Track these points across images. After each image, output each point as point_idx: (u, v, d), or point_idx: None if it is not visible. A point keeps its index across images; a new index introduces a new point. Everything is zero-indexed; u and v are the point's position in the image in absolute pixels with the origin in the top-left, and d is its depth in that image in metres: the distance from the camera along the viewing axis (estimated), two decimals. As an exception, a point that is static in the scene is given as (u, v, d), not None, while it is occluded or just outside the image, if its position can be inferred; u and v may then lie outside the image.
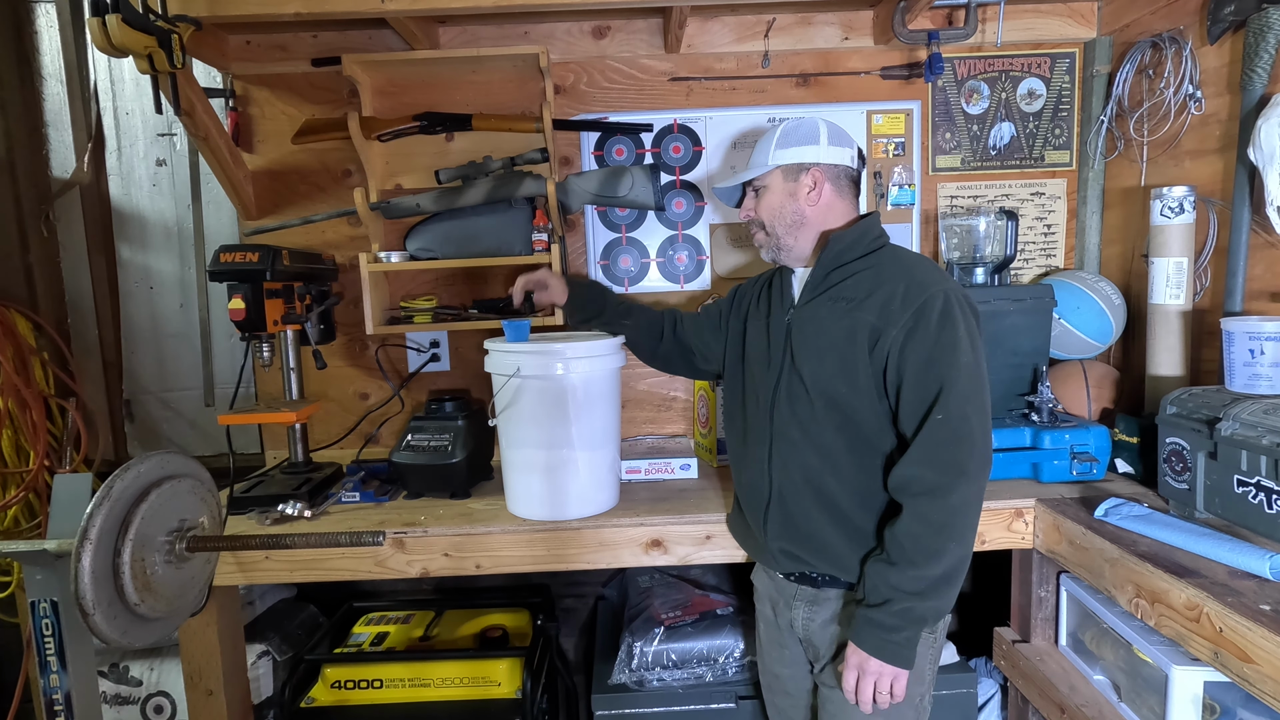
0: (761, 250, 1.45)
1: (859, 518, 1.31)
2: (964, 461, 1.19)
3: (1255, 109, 1.57)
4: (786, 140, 1.37)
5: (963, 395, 1.20)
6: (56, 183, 2.41)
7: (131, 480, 1.30)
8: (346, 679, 1.85)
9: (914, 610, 1.21)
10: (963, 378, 1.20)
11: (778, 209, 1.38)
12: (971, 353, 1.22)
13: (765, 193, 1.40)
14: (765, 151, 1.39)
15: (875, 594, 1.24)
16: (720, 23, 2.12)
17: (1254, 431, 1.27)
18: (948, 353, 1.21)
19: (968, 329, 1.23)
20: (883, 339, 1.25)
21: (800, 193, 1.36)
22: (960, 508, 1.20)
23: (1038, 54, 2.16)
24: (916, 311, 1.23)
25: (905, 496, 1.23)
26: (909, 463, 1.22)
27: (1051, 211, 2.22)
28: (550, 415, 1.60)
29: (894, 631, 1.22)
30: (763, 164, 1.39)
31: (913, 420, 1.23)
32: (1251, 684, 1.05)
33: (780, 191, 1.38)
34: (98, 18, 1.49)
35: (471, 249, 2.07)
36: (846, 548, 1.32)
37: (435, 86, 2.15)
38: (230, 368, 2.39)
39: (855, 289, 1.31)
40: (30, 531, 2.18)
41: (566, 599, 2.43)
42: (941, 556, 1.19)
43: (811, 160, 1.36)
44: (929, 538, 1.19)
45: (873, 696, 1.26)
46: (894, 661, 1.23)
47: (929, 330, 1.22)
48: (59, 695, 1.41)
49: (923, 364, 1.22)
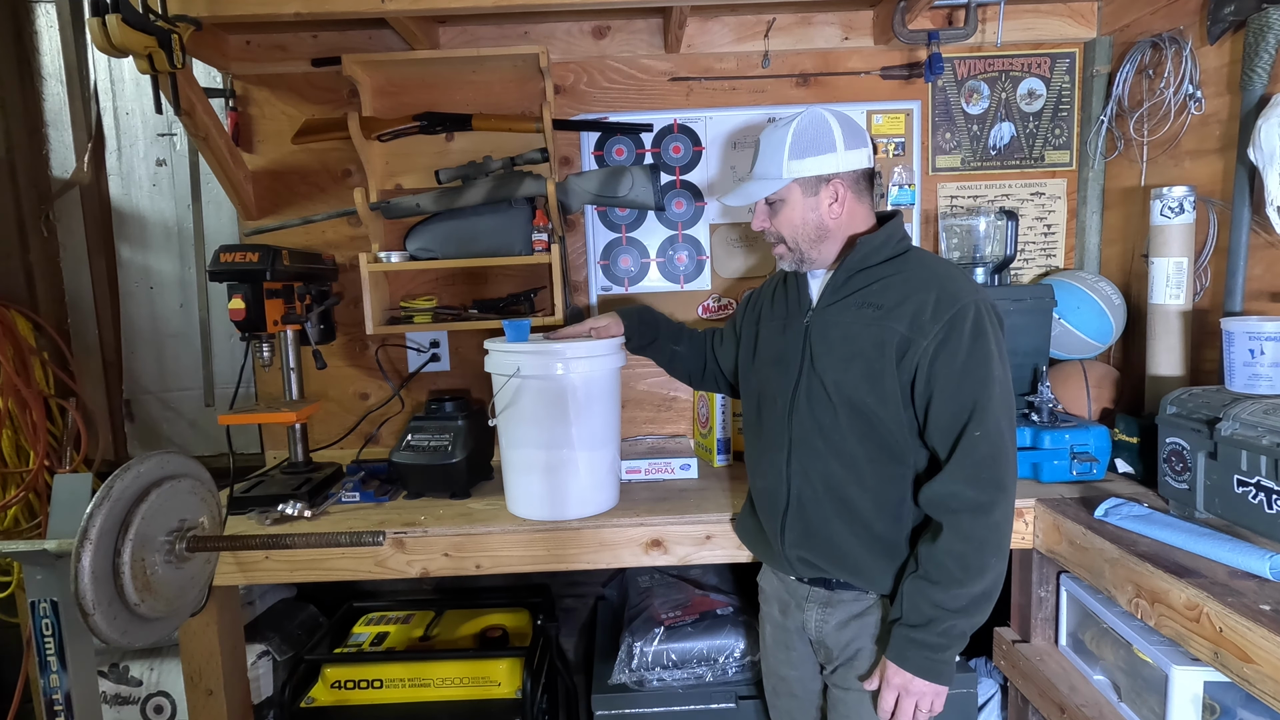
0: (782, 262, 1.38)
1: (880, 527, 1.29)
2: (1002, 477, 1.19)
3: (1255, 109, 1.57)
4: (801, 148, 1.27)
5: (997, 411, 1.18)
6: (56, 183, 2.41)
7: (131, 480, 1.30)
8: (346, 679, 1.85)
9: (958, 627, 1.20)
10: (996, 393, 1.19)
11: (799, 224, 1.31)
12: (1002, 367, 1.21)
13: (783, 207, 1.32)
14: (777, 161, 1.29)
15: (917, 614, 1.22)
16: (720, 23, 2.12)
17: (1254, 431, 1.27)
18: (981, 367, 1.19)
19: (997, 342, 1.22)
20: (912, 350, 1.22)
21: (822, 206, 1.30)
22: (1002, 523, 1.20)
23: (1038, 54, 2.16)
24: (948, 323, 1.20)
25: (944, 514, 1.21)
26: (948, 480, 1.20)
27: (1051, 211, 2.22)
28: (550, 415, 1.60)
29: (939, 650, 1.21)
30: (777, 176, 1.29)
31: (947, 435, 1.21)
32: (1251, 684, 1.05)
33: (800, 206, 1.30)
34: (98, 18, 1.49)
35: (471, 249, 2.07)
36: (867, 556, 1.30)
37: (435, 86, 2.15)
38: (230, 368, 2.40)
39: (883, 295, 1.27)
40: (30, 531, 2.18)
41: (566, 599, 2.43)
42: (985, 573, 1.19)
43: (831, 171, 1.28)
44: (973, 555, 1.18)
45: (912, 716, 1.26)
46: (939, 680, 1.22)
47: (961, 344, 1.19)
48: (59, 695, 1.41)
49: (955, 378, 1.19)
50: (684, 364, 1.69)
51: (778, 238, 1.35)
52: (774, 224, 1.34)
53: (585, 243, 2.22)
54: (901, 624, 1.24)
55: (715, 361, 1.66)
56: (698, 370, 1.69)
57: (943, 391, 1.20)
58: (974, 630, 1.24)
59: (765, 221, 1.36)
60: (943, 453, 1.23)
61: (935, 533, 1.22)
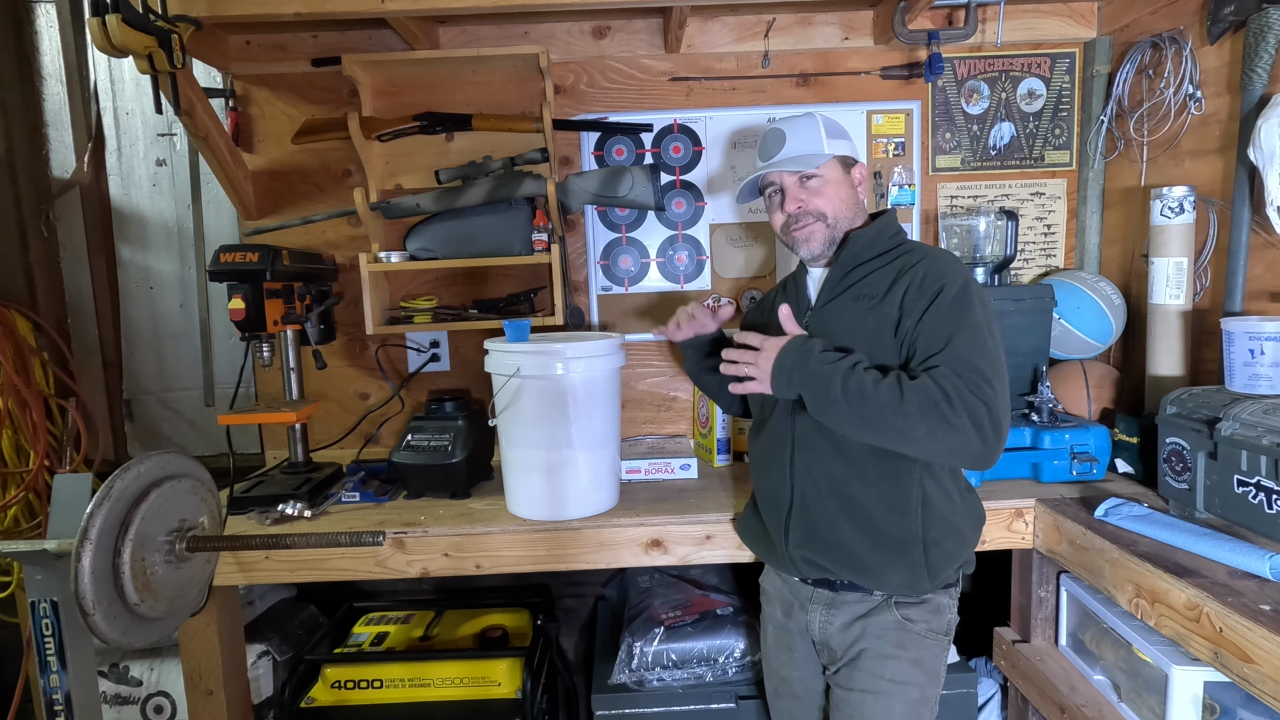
0: (808, 244, 1.36)
1: (886, 524, 1.29)
2: (980, 383, 1.14)
3: (1255, 109, 1.57)
4: (832, 132, 1.36)
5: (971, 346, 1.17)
6: (56, 183, 2.41)
7: (131, 480, 1.30)
8: (346, 679, 1.85)
9: (825, 375, 1.19)
10: (971, 331, 1.18)
11: (843, 200, 1.36)
12: (985, 321, 1.21)
13: (825, 184, 1.35)
14: (815, 140, 1.34)
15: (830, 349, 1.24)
16: (720, 23, 2.12)
17: (1254, 431, 1.27)
18: (959, 316, 1.20)
19: (983, 308, 1.23)
20: (903, 325, 1.25)
21: (854, 184, 1.38)
22: (949, 422, 1.12)
23: (1038, 54, 2.16)
24: (934, 294, 1.22)
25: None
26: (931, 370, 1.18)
27: (1051, 211, 2.22)
28: (550, 415, 1.60)
29: (806, 359, 1.22)
30: (819, 152, 1.34)
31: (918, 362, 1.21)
32: (1251, 684, 1.05)
33: (842, 182, 1.36)
34: (98, 18, 1.49)
35: (471, 249, 2.07)
36: (873, 555, 1.30)
37: (435, 86, 2.15)
38: (230, 368, 2.39)
39: (876, 286, 1.29)
40: (30, 531, 2.18)
41: (566, 599, 2.43)
42: (896, 409, 1.14)
43: (855, 156, 1.39)
44: (907, 396, 1.14)
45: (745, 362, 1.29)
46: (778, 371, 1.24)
47: (944, 302, 1.21)
48: (59, 695, 1.41)
49: (936, 324, 1.20)
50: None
51: (817, 214, 1.35)
52: (812, 202, 1.35)
53: (585, 243, 2.22)
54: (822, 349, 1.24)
55: None
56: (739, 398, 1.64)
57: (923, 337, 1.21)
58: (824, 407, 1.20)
59: (802, 201, 1.36)
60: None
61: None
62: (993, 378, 1.16)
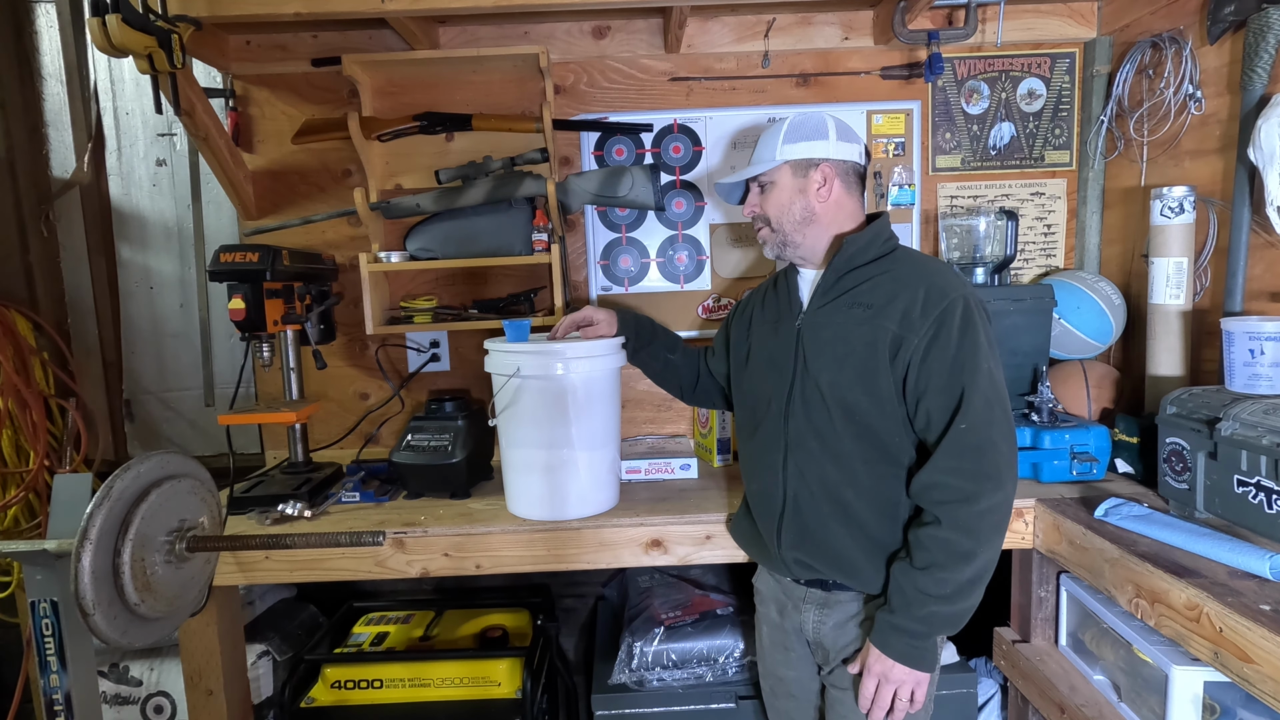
0: (765, 247, 1.43)
1: (876, 528, 1.29)
2: (988, 468, 1.19)
3: (1255, 109, 1.57)
4: (794, 134, 1.35)
5: (984, 401, 1.19)
6: (56, 183, 2.41)
7: (131, 480, 1.30)
8: (346, 679, 1.85)
9: (940, 614, 1.20)
10: (983, 384, 1.19)
11: (786, 205, 1.36)
12: (991, 359, 1.22)
13: (772, 189, 1.37)
14: (772, 146, 1.36)
15: (901, 599, 1.22)
16: (720, 23, 2.12)
17: (1254, 431, 1.27)
18: (969, 359, 1.20)
19: (986, 336, 1.23)
20: (904, 347, 1.23)
21: (810, 189, 1.34)
22: (989, 512, 1.19)
23: (1038, 54, 2.16)
24: (938, 319, 1.21)
25: (931, 503, 1.22)
26: (935, 470, 1.21)
27: (1051, 211, 2.22)
28: (550, 415, 1.60)
29: (921, 638, 1.21)
30: (770, 159, 1.36)
31: (936, 428, 1.22)
32: (1251, 684, 1.05)
33: (789, 188, 1.35)
34: (98, 18, 1.49)
35: (471, 249, 2.07)
36: (864, 558, 1.30)
37: (435, 86, 2.15)
38: (230, 368, 2.40)
39: (873, 294, 1.28)
40: (30, 531, 2.18)
41: (566, 599, 2.43)
42: (971, 559, 1.18)
43: (821, 155, 1.33)
44: (958, 541, 1.18)
45: (890, 704, 1.26)
46: (919, 666, 1.22)
47: (951, 338, 1.21)
48: (59, 695, 1.41)
49: (945, 372, 1.21)
50: (676, 374, 1.69)
51: (764, 220, 1.40)
52: (763, 207, 1.39)
53: (585, 243, 2.22)
54: (886, 609, 1.25)
55: (709, 373, 1.67)
56: (690, 383, 1.69)
57: (934, 386, 1.22)
58: (960, 619, 1.23)
59: (756, 205, 1.40)
60: (932, 444, 1.24)
61: (923, 521, 1.23)
62: (999, 440, 1.20)
